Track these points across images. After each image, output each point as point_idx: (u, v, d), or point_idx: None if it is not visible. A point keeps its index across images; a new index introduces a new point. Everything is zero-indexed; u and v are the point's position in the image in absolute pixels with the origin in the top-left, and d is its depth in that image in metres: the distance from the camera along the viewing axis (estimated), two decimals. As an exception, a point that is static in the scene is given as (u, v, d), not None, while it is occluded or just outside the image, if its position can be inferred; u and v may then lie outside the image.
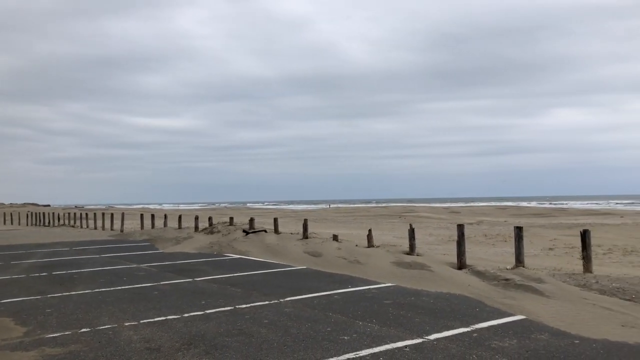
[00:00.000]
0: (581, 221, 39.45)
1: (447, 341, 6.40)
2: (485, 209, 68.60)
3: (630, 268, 16.06)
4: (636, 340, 6.34)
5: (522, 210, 61.68)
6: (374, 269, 12.35)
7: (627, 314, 7.51)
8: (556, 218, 45.16)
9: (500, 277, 10.43)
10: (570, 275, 10.67)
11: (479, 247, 22.73)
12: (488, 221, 40.92)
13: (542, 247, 23.12)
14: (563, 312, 7.79)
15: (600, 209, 70.74)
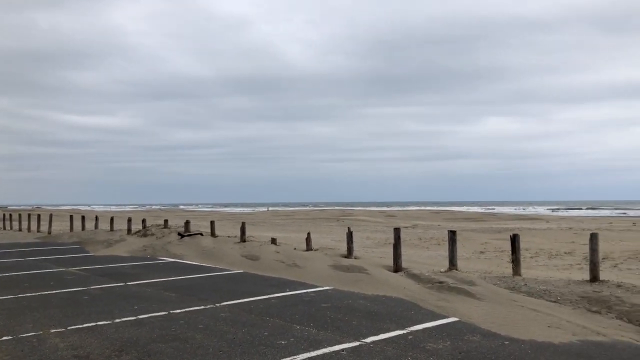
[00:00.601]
0: (510, 226, 41.09)
1: (383, 344, 6.47)
2: (420, 213, 70.29)
3: (555, 271, 16.84)
4: (561, 340, 6.63)
5: (455, 215, 63.60)
6: (312, 273, 12.36)
7: (553, 315, 7.84)
8: (487, 222, 46.81)
9: (434, 279, 10.67)
10: (501, 278, 11.05)
11: (414, 250, 23.22)
12: (423, 225, 41.92)
13: (474, 251, 23.89)
14: (494, 314, 8.05)
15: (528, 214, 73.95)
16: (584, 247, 17.27)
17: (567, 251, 22.59)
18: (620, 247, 25.37)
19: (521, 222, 47.03)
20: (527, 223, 45.64)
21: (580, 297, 8.85)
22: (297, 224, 42.43)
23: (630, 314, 7.73)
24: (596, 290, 9.36)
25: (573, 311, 8.14)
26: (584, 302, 8.53)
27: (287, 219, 53.61)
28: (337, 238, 26.54)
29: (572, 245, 24.86)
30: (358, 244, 23.30)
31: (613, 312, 7.89)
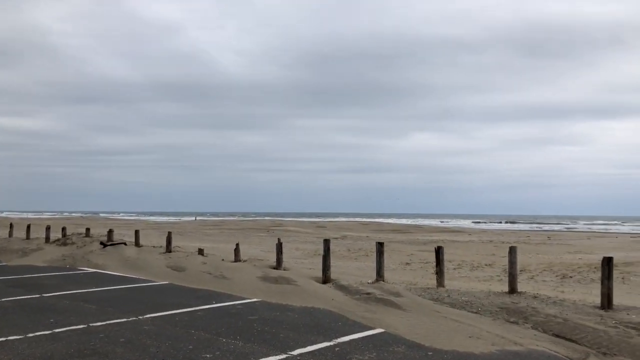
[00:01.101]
0: (435, 238, 42.33)
1: (310, 356, 6.46)
2: (349, 224, 71.13)
3: (477, 282, 17.46)
4: (481, 350, 6.86)
5: (382, 227, 64.83)
6: (240, 284, 12.19)
7: (474, 326, 8.11)
8: (413, 234, 48.00)
9: (362, 291, 10.80)
10: (425, 290, 11.33)
11: (343, 261, 23.42)
12: (351, 236, 42.43)
13: (400, 262, 24.41)
14: (418, 325, 8.23)
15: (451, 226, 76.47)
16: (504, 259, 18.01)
17: (488, 263, 23.51)
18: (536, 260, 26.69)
19: (445, 235, 48.55)
20: (451, 235, 47.17)
21: (500, 308, 9.21)
22: (226, 234, 41.85)
23: (544, 324, 8.12)
24: (514, 301, 9.78)
25: (493, 322, 8.46)
26: (503, 313, 8.89)
27: (216, 229, 52.76)
28: (267, 249, 26.37)
29: (493, 257, 25.90)
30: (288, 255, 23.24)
31: (529, 322, 8.26)
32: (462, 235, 47.75)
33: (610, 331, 7.64)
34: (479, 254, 29.40)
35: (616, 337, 7.32)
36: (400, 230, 56.50)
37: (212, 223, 69.74)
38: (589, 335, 7.45)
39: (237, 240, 21.16)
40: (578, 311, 8.99)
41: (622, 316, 8.59)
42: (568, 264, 23.45)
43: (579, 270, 20.62)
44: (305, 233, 46.03)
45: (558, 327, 7.90)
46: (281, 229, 50.54)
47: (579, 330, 7.68)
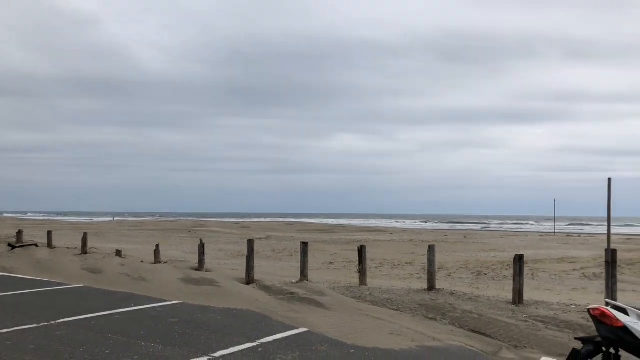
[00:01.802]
0: (358, 237, 43.05)
1: (232, 358, 6.37)
2: (274, 224, 70.99)
3: (398, 280, 17.90)
4: (401, 346, 7.03)
5: (307, 227, 65.19)
6: (161, 286, 11.85)
7: (395, 323, 8.30)
8: (337, 234, 48.58)
9: (286, 291, 10.79)
10: (348, 288, 11.49)
11: (267, 261, 23.33)
12: (276, 236, 42.36)
13: (324, 262, 24.63)
14: (341, 323, 8.32)
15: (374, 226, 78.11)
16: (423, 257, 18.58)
17: (408, 261, 24.19)
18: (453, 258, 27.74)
19: (368, 234, 49.48)
20: (373, 235, 48.13)
21: (419, 305, 9.49)
22: (146, 235, 40.59)
23: (461, 319, 8.44)
24: (433, 298, 10.10)
25: (412, 318, 8.69)
26: (422, 310, 9.16)
27: (135, 229, 51.05)
28: (189, 250, 25.82)
29: (413, 256, 26.66)
30: (211, 256, 22.86)
31: (447, 318, 8.56)
32: (384, 235, 48.86)
33: (520, 325, 8.05)
34: (400, 252, 30.19)
35: (526, 331, 7.73)
36: (325, 230, 57.03)
37: (131, 224, 67.40)
38: (501, 330, 7.81)
39: (158, 241, 20.58)
40: (492, 307, 9.42)
41: (531, 310, 9.08)
42: (483, 262, 24.55)
43: (492, 267, 21.62)
44: (228, 234, 45.47)
45: (474, 322, 8.24)
46: (204, 230, 49.64)
47: (492, 325, 8.04)
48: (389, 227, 77.14)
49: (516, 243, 40.03)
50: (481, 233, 62.87)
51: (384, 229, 63.99)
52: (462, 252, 32.35)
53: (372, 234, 49.79)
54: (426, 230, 70.79)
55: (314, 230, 55.18)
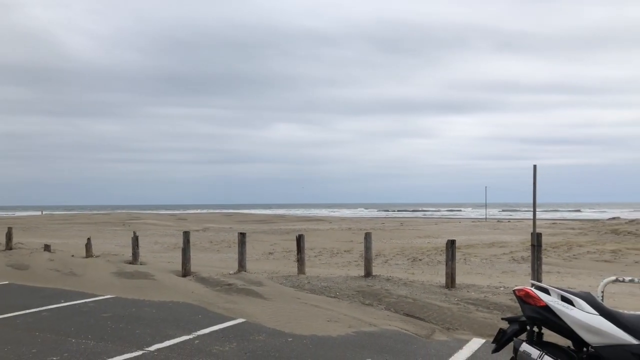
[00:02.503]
0: (297, 227, 43.16)
1: (168, 351, 6.26)
2: (212, 216, 70.09)
3: (336, 268, 18.09)
4: (339, 333, 7.12)
5: (246, 217, 64.75)
6: (92, 281, 11.46)
7: (332, 310, 8.39)
8: (276, 224, 48.52)
9: (223, 282, 10.69)
10: (287, 277, 11.50)
11: (204, 253, 23.02)
12: (214, 228, 41.85)
13: (263, 252, 24.56)
14: (279, 312, 8.33)
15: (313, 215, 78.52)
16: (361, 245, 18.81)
17: (347, 249, 24.48)
18: (390, 245, 28.31)
19: (307, 224, 49.70)
20: (313, 224, 48.36)
21: (356, 292, 9.62)
22: (77, 229, 39.14)
23: (396, 304, 8.63)
24: (369, 284, 10.27)
25: (350, 305, 8.81)
26: (359, 296, 9.30)
27: (66, 223, 49.12)
28: (123, 243, 25.09)
29: (351, 244, 26.99)
30: (146, 249, 22.31)
31: (383, 304, 8.73)
32: (324, 224, 49.21)
33: (453, 308, 8.32)
34: (339, 241, 30.52)
35: (458, 313, 7.99)
36: (264, 220, 56.83)
37: (61, 217, 64.76)
38: (435, 313, 8.05)
39: (89, 235, 19.87)
40: (426, 291, 9.68)
41: (463, 294, 9.40)
42: (418, 248, 25.19)
43: (427, 253, 22.23)
44: (164, 226, 44.53)
45: (408, 306, 8.44)
46: (139, 223, 48.38)
47: (426, 309, 8.27)
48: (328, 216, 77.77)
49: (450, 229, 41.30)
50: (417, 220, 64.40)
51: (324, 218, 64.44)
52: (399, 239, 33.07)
53: (312, 224, 50.05)
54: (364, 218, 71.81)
55: (253, 221, 54.91)
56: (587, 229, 37.09)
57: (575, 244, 24.75)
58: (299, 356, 6.11)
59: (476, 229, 41.39)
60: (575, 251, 22.01)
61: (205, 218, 62.08)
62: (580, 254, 21.33)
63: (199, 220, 56.80)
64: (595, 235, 31.21)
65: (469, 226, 45.66)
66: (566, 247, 23.49)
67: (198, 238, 31.71)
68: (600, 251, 21.71)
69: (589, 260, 20.02)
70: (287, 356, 6.11)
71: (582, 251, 21.90)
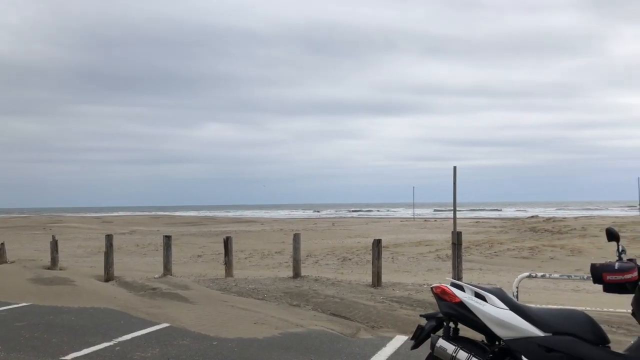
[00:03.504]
0: (228, 229, 42.68)
1: (86, 359, 6.03)
2: (139, 218, 68.09)
3: (267, 270, 18.04)
4: (265, 335, 7.09)
5: (175, 219, 63.36)
6: (6, 289, 10.85)
7: (260, 312, 8.36)
8: (206, 226, 47.78)
9: (147, 286, 10.41)
10: (214, 280, 11.35)
11: (130, 257, 22.36)
12: (141, 230, 40.70)
13: (192, 255, 24.13)
14: (205, 316, 8.20)
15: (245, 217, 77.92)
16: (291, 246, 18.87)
17: (278, 251, 24.46)
18: (321, 245, 28.52)
19: (239, 225, 49.26)
20: (244, 226, 48.02)
21: (284, 293, 9.63)
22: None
23: (323, 304, 8.70)
24: (297, 285, 10.31)
25: (277, 306, 8.80)
26: (287, 297, 9.31)
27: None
28: (42, 248, 23.94)
29: (282, 245, 26.96)
30: (68, 253, 21.39)
31: (310, 304, 8.78)
32: (255, 225, 48.93)
33: (378, 306, 8.48)
34: (270, 242, 30.44)
35: (383, 311, 8.16)
36: (194, 222, 55.82)
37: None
38: (360, 312, 8.18)
39: (4, 239, 18.83)
40: (353, 290, 9.82)
41: (388, 292, 9.61)
42: (349, 248, 25.53)
43: (357, 252, 22.56)
44: (88, 229, 42.85)
45: (335, 306, 8.53)
46: (61, 226, 46.29)
47: (352, 308, 8.39)
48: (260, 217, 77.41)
49: (380, 229, 42.12)
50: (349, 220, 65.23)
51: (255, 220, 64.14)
52: (330, 239, 33.38)
53: (243, 225, 49.65)
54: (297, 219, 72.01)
55: (183, 223, 53.81)
56: (508, 227, 38.87)
57: (497, 241, 25.86)
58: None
59: (404, 228, 42.43)
60: (496, 249, 23.00)
61: (132, 220, 60.23)
62: (501, 251, 22.31)
63: (126, 222, 55.04)
64: (516, 233, 32.76)
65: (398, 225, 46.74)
66: (488, 244, 24.50)
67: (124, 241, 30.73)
68: (519, 248, 22.80)
69: (509, 257, 20.98)
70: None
71: (502, 248, 22.91)
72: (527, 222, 43.46)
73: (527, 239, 28.16)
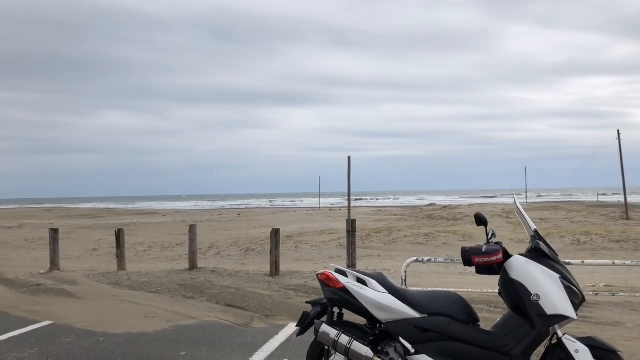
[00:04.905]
0: (128, 221, 41.09)
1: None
2: (31, 211, 63.90)
3: (166, 262, 17.58)
4: (155, 328, 6.88)
5: (71, 212, 60.08)
6: None
7: (151, 306, 8.10)
8: (104, 219, 45.75)
9: (31, 283, 9.79)
10: (105, 275, 10.88)
11: (18, 252, 21.03)
12: (32, 224, 38.25)
13: (87, 249, 23.04)
14: (92, 312, 7.83)
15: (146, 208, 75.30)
16: (193, 237, 18.50)
17: (179, 243, 23.90)
18: (225, 236, 28.22)
19: (139, 217, 47.59)
20: (145, 218, 46.47)
21: (179, 285, 9.40)
22: None
23: (219, 295, 8.59)
24: (193, 277, 10.11)
25: (171, 299, 8.57)
26: (182, 290, 9.10)
27: None
28: None
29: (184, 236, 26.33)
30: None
31: (205, 296, 8.63)
32: (157, 217, 47.49)
33: (274, 295, 8.50)
34: (172, 234, 29.68)
35: (278, 300, 8.19)
36: (91, 215, 53.24)
37: None
38: (256, 301, 8.15)
39: None
40: (250, 280, 9.78)
41: (286, 281, 9.66)
42: (253, 238, 25.43)
43: (261, 243, 22.53)
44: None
45: (230, 297, 8.45)
46: (-61, 220, 42.48)
47: (248, 298, 8.35)
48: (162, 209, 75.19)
49: (285, 218, 42.31)
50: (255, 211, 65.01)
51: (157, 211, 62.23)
52: (235, 229, 33.09)
53: (144, 217, 48.01)
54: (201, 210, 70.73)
55: (78, 216, 51.17)
56: (408, 215, 40.43)
57: (396, 229, 26.83)
58: (109, 356, 5.79)
59: (310, 217, 42.92)
60: (394, 235, 23.86)
61: (22, 213, 56.41)
62: (398, 237, 23.18)
63: (15, 215, 51.48)
64: (414, 221, 34.15)
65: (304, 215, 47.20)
66: (387, 232, 25.36)
67: (11, 236, 28.78)
68: (415, 235, 23.80)
69: (406, 243, 21.85)
70: (96, 357, 5.76)
71: (400, 235, 23.81)
72: (425, 210, 45.44)
73: (424, 225, 29.44)
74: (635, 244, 20.93)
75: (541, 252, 3.95)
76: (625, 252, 19.49)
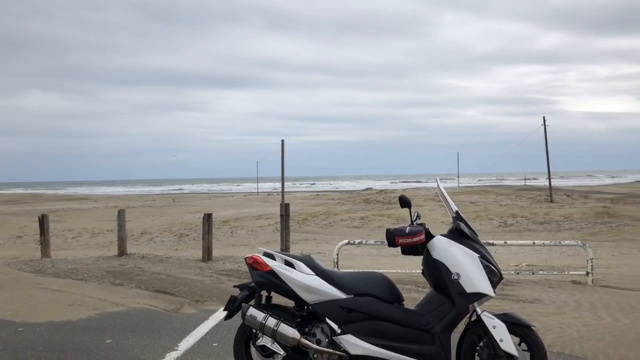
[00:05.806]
0: (56, 207, 39.47)
1: None
2: (-51, 197, 60.20)
3: (96, 249, 17.04)
4: (80, 317, 6.65)
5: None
6: None
7: (77, 294, 7.81)
8: (30, 205, 43.77)
9: (-55, 273, 9.22)
10: (27, 262, 10.41)
11: None
12: (-50, 211, 36.03)
13: (11, 236, 22.03)
14: (12, 301, 7.47)
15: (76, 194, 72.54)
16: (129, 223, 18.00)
17: (110, 229, 23.18)
18: (159, 222, 27.62)
19: (68, 203, 45.83)
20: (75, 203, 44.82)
21: (107, 272, 9.12)
22: None
23: (148, 282, 8.40)
24: (122, 263, 9.83)
25: (98, 286, 8.30)
26: (109, 277, 8.82)
27: None
28: None
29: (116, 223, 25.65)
30: None
31: (134, 282, 8.41)
32: (88, 203, 45.87)
33: (205, 280, 8.40)
34: (103, 220, 28.75)
35: (210, 285, 8.09)
36: (15, 200, 50.78)
37: None
38: (187, 287, 8.02)
39: None
40: (182, 266, 9.62)
41: (218, 266, 9.56)
42: (187, 224, 25.01)
43: (195, 228, 22.19)
44: None
45: (160, 283, 8.28)
46: None
47: (179, 284, 8.20)
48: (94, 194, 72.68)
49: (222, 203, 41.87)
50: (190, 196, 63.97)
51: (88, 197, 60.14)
52: (169, 215, 32.45)
53: (73, 203, 46.26)
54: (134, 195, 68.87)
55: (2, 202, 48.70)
56: (345, 199, 40.90)
57: (333, 213, 27.10)
58: (29, 346, 5.54)
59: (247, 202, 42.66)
60: (331, 219, 24.09)
61: (-61, 200, 53.08)
62: (335, 221, 23.42)
63: None
64: (351, 205, 34.57)
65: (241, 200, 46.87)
66: (324, 216, 25.57)
67: None
68: (352, 218, 24.12)
69: (342, 226, 22.11)
70: (14, 348, 5.50)
71: (337, 219, 24.07)
72: (362, 194, 46.10)
73: (360, 209, 29.88)
74: (557, 225, 22.07)
75: (462, 232, 4.07)
76: (548, 233, 20.52)
